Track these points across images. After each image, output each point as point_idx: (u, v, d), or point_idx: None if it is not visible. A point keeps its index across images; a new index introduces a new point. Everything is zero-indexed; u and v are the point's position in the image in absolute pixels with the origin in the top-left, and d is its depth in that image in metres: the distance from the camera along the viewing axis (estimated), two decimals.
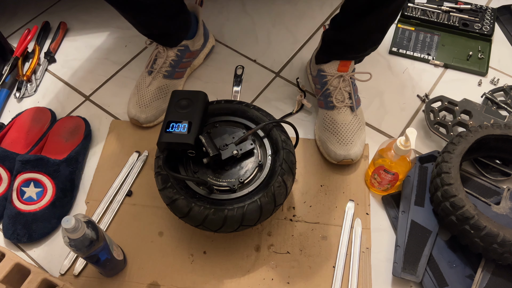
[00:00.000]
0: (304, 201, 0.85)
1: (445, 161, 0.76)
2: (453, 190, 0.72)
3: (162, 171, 0.71)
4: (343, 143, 0.85)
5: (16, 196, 0.81)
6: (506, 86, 0.98)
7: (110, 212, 0.84)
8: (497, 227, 0.69)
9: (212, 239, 0.81)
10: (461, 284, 0.74)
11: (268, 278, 0.77)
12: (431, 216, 0.80)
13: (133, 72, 1.06)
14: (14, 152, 0.86)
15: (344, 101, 0.88)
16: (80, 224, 0.59)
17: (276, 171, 0.71)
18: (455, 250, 0.77)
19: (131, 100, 0.95)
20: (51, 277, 0.69)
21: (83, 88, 1.04)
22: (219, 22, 1.16)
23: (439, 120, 0.91)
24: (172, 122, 0.70)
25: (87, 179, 0.89)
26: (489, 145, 0.82)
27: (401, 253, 0.76)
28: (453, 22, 1.10)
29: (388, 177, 0.78)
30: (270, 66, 1.07)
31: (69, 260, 0.79)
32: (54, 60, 1.09)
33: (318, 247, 0.80)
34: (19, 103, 1.02)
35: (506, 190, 0.81)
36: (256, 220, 0.69)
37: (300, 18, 1.16)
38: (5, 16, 1.20)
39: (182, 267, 0.78)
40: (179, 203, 0.68)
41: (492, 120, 0.91)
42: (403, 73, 1.05)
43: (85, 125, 0.93)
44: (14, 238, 0.80)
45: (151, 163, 0.90)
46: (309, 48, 1.10)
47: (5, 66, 1.06)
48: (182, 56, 0.95)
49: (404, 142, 0.72)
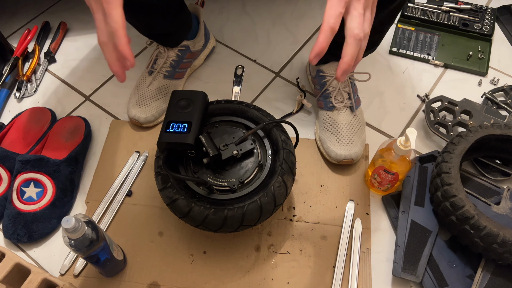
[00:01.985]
0: (304, 201, 0.85)
1: (445, 161, 0.76)
2: (453, 190, 0.72)
3: (162, 171, 0.71)
4: (344, 143, 0.85)
5: (16, 196, 0.81)
6: (506, 86, 0.98)
7: (110, 212, 0.84)
8: (497, 227, 0.69)
9: (212, 239, 0.81)
10: (461, 284, 0.74)
11: (268, 278, 0.77)
12: (431, 216, 0.80)
13: (133, 72, 1.06)
14: (14, 152, 0.86)
15: (343, 101, 0.88)
16: (80, 224, 0.59)
17: (276, 171, 0.71)
18: (455, 250, 0.77)
19: (131, 100, 0.95)
20: (51, 277, 0.69)
21: (83, 88, 1.04)
22: (219, 22, 1.16)
23: (439, 120, 0.91)
24: (172, 122, 0.70)
25: (87, 179, 0.89)
26: (489, 145, 0.82)
27: (401, 253, 0.76)
28: (453, 22, 1.10)
29: (388, 177, 0.78)
30: (270, 66, 1.07)
31: (69, 260, 0.79)
32: (54, 60, 1.10)
33: (318, 247, 0.80)
34: (19, 103, 1.02)
35: (506, 190, 0.81)
36: (256, 220, 0.69)
37: (300, 18, 1.16)
38: (5, 16, 1.20)
39: (182, 267, 0.78)
40: (179, 203, 0.68)
41: (492, 120, 0.91)
42: (403, 73, 1.05)
43: (85, 125, 0.93)
44: (14, 238, 0.80)
45: (151, 163, 0.90)
46: (309, 48, 1.10)
47: (5, 66, 1.06)
48: (182, 56, 0.95)
49: (404, 142, 0.72)
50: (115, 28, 0.53)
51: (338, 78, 0.55)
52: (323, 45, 0.53)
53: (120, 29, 0.53)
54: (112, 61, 0.57)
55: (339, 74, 0.54)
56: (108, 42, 0.55)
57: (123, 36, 0.54)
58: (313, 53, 0.53)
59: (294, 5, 1.19)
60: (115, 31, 0.54)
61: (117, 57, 0.56)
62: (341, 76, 0.54)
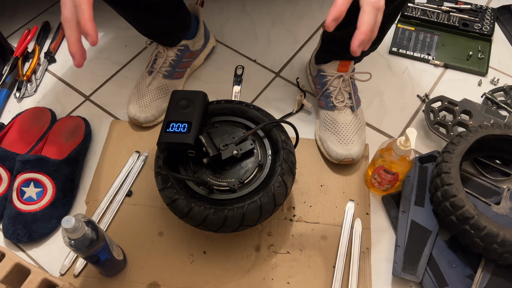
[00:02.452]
0: (304, 201, 0.85)
1: (445, 161, 0.76)
2: (453, 190, 0.72)
3: (162, 171, 0.71)
4: (344, 143, 0.86)
5: (16, 196, 0.81)
6: (506, 86, 0.98)
7: (110, 212, 0.84)
8: (497, 227, 0.69)
9: (212, 239, 0.81)
10: (461, 284, 0.74)
11: (268, 278, 0.77)
12: (431, 216, 0.80)
13: (133, 72, 1.06)
14: (14, 152, 0.86)
15: (344, 101, 0.88)
16: (80, 224, 0.59)
17: (276, 171, 0.71)
18: (455, 250, 0.77)
19: (131, 100, 0.95)
20: (51, 277, 0.69)
21: (83, 88, 1.04)
22: (219, 22, 1.16)
23: (439, 120, 0.91)
24: (172, 122, 0.70)
25: (87, 179, 0.89)
26: (489, 145, 0.82)
27: (401, 253, 0.76)
28: (453, 22, 1.10)
29: (388, 177, 0.78)
30: (270, 66, 1.07)
31: (69, 260, 0.79)
32: (54, 60, 1.09)
33: (318, 247, 0.80)
34: (19, 103, 1.02)
35: (506, 190, 0.81)
36: (256, 220, 0.69)
37: (300, 18, 1.16)
38: (5, 16, 1.20)
39: (182, 267, 0.78)
40: (179, 203, 0.68)
41: (492, 120, 0.91)
42: (403, 73, 1.05)
43: (85, 125, 0.93)
44: (14, 238, 0.80)
45: (151, 163, 0.90)
46: (309, 48, 1.10)
47: (5, 66, 1.06)
48: (182, 56, 0.95)
49: (404, 142, 0.72)
50: (79, 1, 0.49)
51: (354, 50, 0.49)
52: (342, 8, 0.48)
53: (84, 2, 0.49)
54: (72, 41, 0.52)
55: (356, 44, 0.48)
56: (71, 19, 0.51)
57: (86, 10, 0.49)
58: (331, 17, 0.48)
59: (294, 5, 1.19)
60: (79, 4, 0.49)
61: (77, 37, 0.52)
62: (357, 48, 0.49)
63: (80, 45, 0.53)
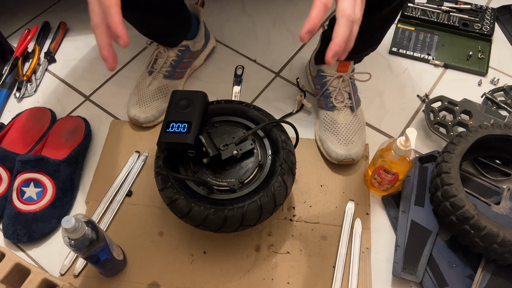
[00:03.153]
0: (304, 201, 0.85)
1: (445, 161, 0.76)
2: (453, 190, 0.72)
3: (162, 171, 0.71)
4: (344, 143, 0.86)
5: (16, 196, 0.81)
6: (506, 86, 0.98)
7: (110, 212, 0.84)
8: (497, 227, 0.69)
9: (212, 239, 0.81)
10: (461, 284, 0.74)
11: (268, 278, 0.77)
12: (431, 216, 0.80)
13: (133, 72, 1.06)
14: (14, 152, 0.86)
15: (344, 101, 0.88)
16: (80, 224, 0.59)
17: (276, 171, 0.71)
18: (455, 250, 0.77)
19: (131, 100, 0.95)
20: (51, 277, 0.69)
21: (83, 88, 1.04)
22: (219, 22, 1.16)
23: (439, 120, 0.91)
24: (172, 122, 0.70)
25: (87, 179, 0.89)
26: (489, 145, 0.82)
27: (401, 253, 0.76)
28: (453, 22, 1.10)
29: (388, 177, 0.78)
30: (270, 66, 1.07)
31: (69, 260, 0.79)
32: (54, 60, 1.09)
33: (318, 247, 0.80)
34: (19, 103, 1.02)
35: (506, 190, 0.81)
36: (256, 220, 0.69)
37: (300, 18, 1.16)
38: (5, 16, 1.20)
39: (182, 267, 0.78)
40: (179, 203, 0.68)
41: (492, 120, 0.91)
42: (403, 73, 1.05)
43: (85, 125, 0.93)
44: (14, 238, 0.80)
45: (151, 163, 0.90)
46: (309, 48, 1.10)
47: (5, 66, 1.06)
48: (182, 56, 0.95)
49: (404, 142, 0.72)
50: (108, 6, 0.50)
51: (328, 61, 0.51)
52: (315, 21, 0.49)
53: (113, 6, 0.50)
54: (104, 45, 0.53)
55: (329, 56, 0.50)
56: (101, 24, 0.52)
57: (116, 13, 0.51)
58: (305, 29, 0.49)
59: (294, 5, 1.19)
60: (107, 9, 0.51)
61: (109, 42, 0.53)
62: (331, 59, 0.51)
63: (112, 49, 0.54)
